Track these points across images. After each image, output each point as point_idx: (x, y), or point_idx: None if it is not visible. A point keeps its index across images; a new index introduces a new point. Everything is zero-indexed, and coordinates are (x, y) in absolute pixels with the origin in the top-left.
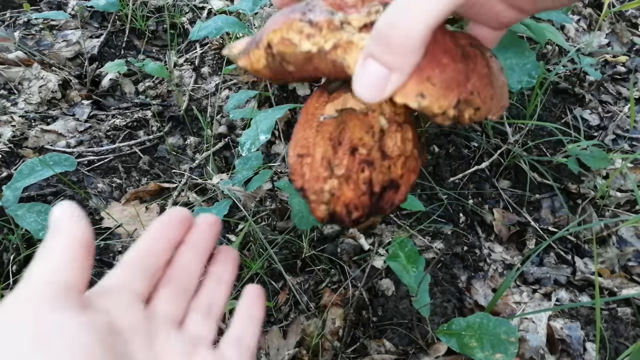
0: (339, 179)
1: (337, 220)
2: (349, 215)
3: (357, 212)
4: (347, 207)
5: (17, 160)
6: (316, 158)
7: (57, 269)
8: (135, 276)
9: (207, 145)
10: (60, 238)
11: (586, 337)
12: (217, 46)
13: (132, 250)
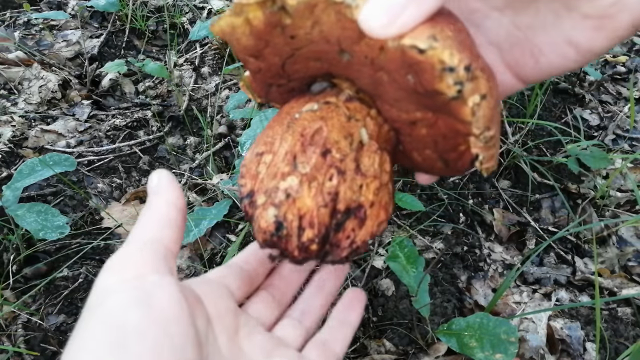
0: (302, 177)
1: (282, 240)
2: (299, 234)
3: (310, 230)
4: (301, 220)
5: (17, 160)
6: (279, 153)
7: (158, 228)
8: (235, 276)
9: (207, 145)
10: (159, 201)
11: (586, 337)
12: (217, 46)
13: (240, 254)
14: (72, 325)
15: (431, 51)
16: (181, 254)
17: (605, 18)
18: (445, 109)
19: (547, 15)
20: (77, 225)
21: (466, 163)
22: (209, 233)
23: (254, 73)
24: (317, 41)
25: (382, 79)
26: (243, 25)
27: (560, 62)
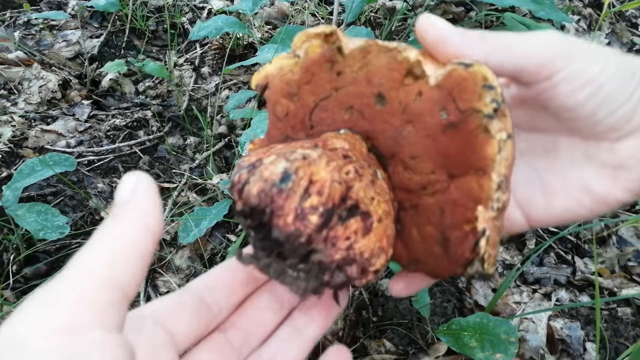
0: (321, 153)
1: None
2: (304, 195)
3: (317, 197)
4: (310, 183)
5: (17, 160)
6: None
7: (120, 262)
8: (188, 311)
9: (207, 145)
10: (130, 221)
11: (586, 337)
12: (217, 46)
13: (204, 276)
14: None
15: (476, 66)
16: (181, 254)
17: (621, 169)
18: (469, 148)
19: (565, 161)
20: (77, 225)
21: (467, 249)
22: (209, 233)
23: (276, 121)
24: (360, 81)
25: (407, 132)
26: (293, 64)
27: (573, 207)
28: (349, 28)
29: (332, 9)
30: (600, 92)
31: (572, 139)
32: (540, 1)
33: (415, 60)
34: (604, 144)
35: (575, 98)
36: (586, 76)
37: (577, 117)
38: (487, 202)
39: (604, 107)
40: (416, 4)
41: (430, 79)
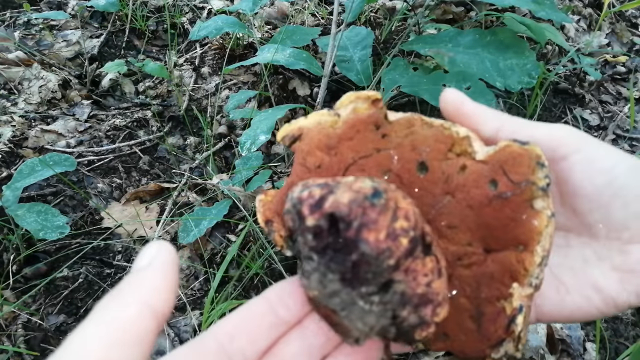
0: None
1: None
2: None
3: (405, 222)
4: (397, 208)
5: (17, 160)
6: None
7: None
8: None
9: (207, 145)
10: (130, 299)
11: (586, 337)
12: (217, 46)
13: (223, 322)
14: (72, 325)
15: (532, 145)
16: (181, 254)
17: (631, 273)
18: (514, 222)
19: (577, 259)
20: (77, 225)
21: (501, 327)
22: (209, 233)
23: (304, 172)
24: (405, 146)
25: (447, 201)
26: (332, 122)
27: (584, 306)
28: (349, 28)
29: (332, 9)
30: (616, 182)
31: (583, 239)
32: (540, 1)
33: (464, 135)
34: (615, 244)
35: (592, 183)
36: (601, 164)
37: (592, 207)
38: (524, 279)
39: (618, 198)
40: (416, 4)
41: (477, 154)
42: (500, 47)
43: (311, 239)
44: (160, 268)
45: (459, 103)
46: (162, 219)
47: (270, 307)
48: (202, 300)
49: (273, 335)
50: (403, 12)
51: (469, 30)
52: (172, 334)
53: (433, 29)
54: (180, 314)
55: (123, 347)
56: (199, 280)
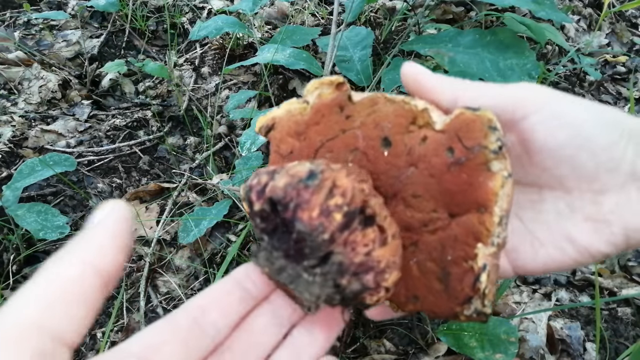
0: (340, 167)
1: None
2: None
3: (341, 198)
4: (334, 186)
5: (17, 160)
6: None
7: (49, 308)
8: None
9: (207, 145)
10: (73, 259)
11: (586, 337)
12: (217, 46)
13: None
14: None
15: (483, 110)
16: (181, 254)
17: (603, 223)
18: (472, 185)
19: (550, 213)
20: (77, 225)
21: (467, 285)
22: (209, 233)
23: (279, 159)
24: (368, 124)
25: (410, 172)
26: (302, 109)
27: (558, 257)
28: (349, 28)
29: (332, 9)
30: (581, 133)
31: (556, 192)
32: (540, 1)
33: (423, 108)
34: (587, 195)
35: (555, 138)
36: (564, 118)
37: (558, 161)
38: (487, 239)
39: (585, 149)
40: (416, 4)
41: (436, 125)
42: (500, 47)
43: (259, 222)
44: (110, 227)
45: (417, 76)
46: (162, 219)
47: (238, 284)
48: None
49: (243, 309)
50: (403, 12)
51: (469, 30)
52: None
53: (433, 29)
54: None
55: (64, 306)
56: (199, 280)
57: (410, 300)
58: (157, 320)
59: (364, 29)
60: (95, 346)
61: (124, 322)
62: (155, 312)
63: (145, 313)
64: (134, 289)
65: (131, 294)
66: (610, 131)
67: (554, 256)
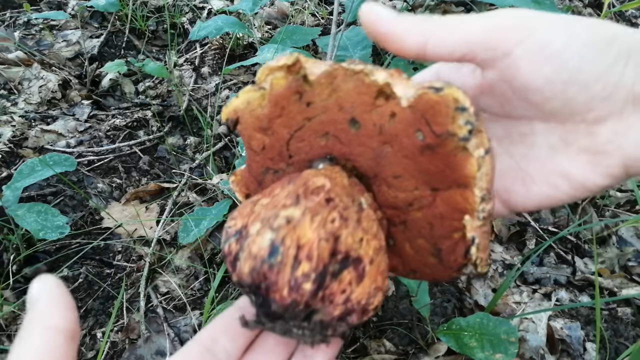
0: (305, 210)
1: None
2: (294, 265)
3: (307, 263)
4: (299, 250)
5: (17, 160)
6: (280, 195)
7: None
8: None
9: (207, 145)
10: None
11: (586, 337)
12: (217, 46)
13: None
14: None
15: (447, 89)
16: (181, 254)
17: (600, 154)
18: (449, 167)
19: (543, 147)
20: (77, 225)
21: (460, 255)
22: (209, 233)
23: (254, 155)
24: (331, 108)
25: (386, 152)
26: (260, 98)
27: (551, 193)
28: (349, 28)
29: (332, 9)
30: (568, 65)
31: (548, 124)
32: (540, 1)
33: (384, 83)
34: (581, 126)
35: (541, 74)
36: (550, 48)
37: (547, 97)
38: (472, 213)
39: (575, 82)
40: (416, 4)
41: (401, 100)
42: None
43: (240, 288)
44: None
45: (377, 22)
46: (162, 219)
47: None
48: (202, 300)
49: (251, 335)
50: None
51: None
52: (172, 333)
53: None
54: (180, 314)
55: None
56: (199, 280)
57: (409, 273)
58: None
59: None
60: (95, 346)
61: (124, 322)
62: (155, 312)
63: (145, 313)
64: (134, 289)
65: (131, 294)
66: (604, 56)
67: (547, 193)
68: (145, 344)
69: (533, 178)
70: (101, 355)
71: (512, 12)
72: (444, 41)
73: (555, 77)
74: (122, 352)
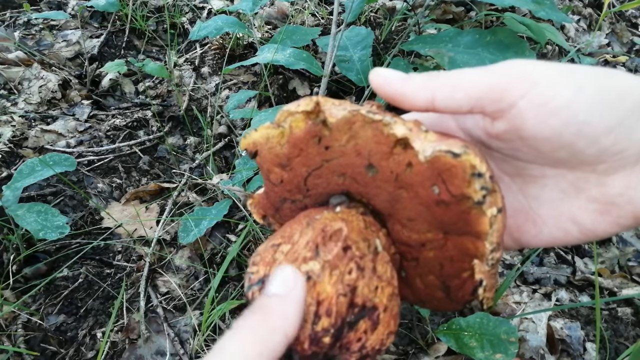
0: (324, 263)
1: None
2: (315, 321)
3: (327, 319)
4: (319, 306)
5: (17, 160)
6: (300, 243)
7: None
8: None
9: (207, 145)
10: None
11: (586, 337)
12: (217, 46)
13: None
14: (72, 325)
15: (465, 156)
16: (181, 254)
17: (611, 205)
18: (462, 221)
19: (554, 191)
20: (77, 225)
21: (467, 293)
22: (209, 233)
23: (272, 186)
24: (349, 154)
25: (401, 196)
26: (279, 135)
27: (561, 237)
28: (349, 28)
29: (332, 9)
30: (575, 119)
31: (558, 170)
32: (540, 1)
33: (403, 136)
34: (592, 176)
35: (548, 126)
36: (554, 102)
37: (554, 147)
38: (482, 259)
39: (583, 136)
40: (416, 4)
41: (419, 155)
42: (500, 47)
43: None
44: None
45: (386, 85)
46: (162, 219)
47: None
48: (202, 300)
49: None
50: (403, 12)
51: (469, 30)
52: (172, 333)
53: (433, 29)
54: (180, 314)
55: None
56: (199, 280)
57: (419, 302)
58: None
59: (364, 29)
60: (95, 346)
61: (124, 322)
62: (155, 312)
63: (145, 313)
64: (134, 289)
65: (131, 294)
66: (615, 110)
67: (557, 236)
68: (145, 344)
69: (544, 220)
70: (101, 355)
71: (515, 63)
72: (450, 98)
73: (563, 130)
74: (122, 352)
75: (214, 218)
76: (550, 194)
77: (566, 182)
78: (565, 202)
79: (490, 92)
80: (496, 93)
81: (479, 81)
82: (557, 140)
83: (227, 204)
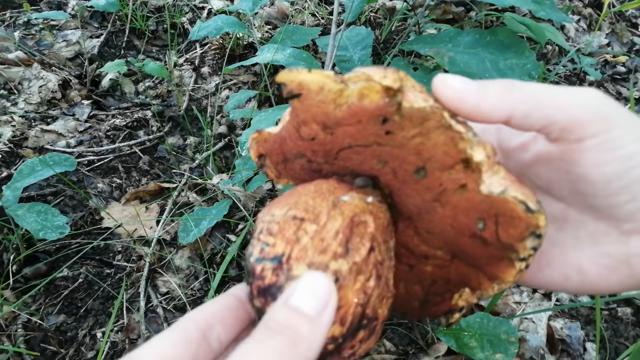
0: (353, 266)
1: None
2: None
3: (339, 328)
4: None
5: (17, 160)
6: (329, 228)
7: None
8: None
9: (207, 145)
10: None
11: (586, 337)
12: (217, 46)
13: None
14: (72, 325)
15: (538, 214)
16: (181, 254)
17: (624, 264)
18: (488, 261)
19: (569, 237)
20: (77, 225)
21: (441, 311)
22: (209, 233)
23: (297, 137)
24: (409, 149)
25: (435, 210)
26: (337, 93)
27: (560, 283)
28: (349, 28)
29: (332, 9)
30: (629, 174)
31: (582, 217)
32: (540, 1)
33: (479, 162)
34: (613, 232)
35: (601, 171)
36: (619, 151)
37: (596, 193)
38: (475, 292)
39: (629, 192)
40: (416, 4)
41: (482, 186)
42: (500, 47)
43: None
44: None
45: (457, 100)
46: (162, 219)
47: (240, 303)
48: (202, 300)
49: (242, 326)
50: (403, 12)
51: (469, 30)
52: None
53: (433, 29)
54: (180, 314)
55: None
56: (199, 280)
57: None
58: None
59: (364, 29)
60: (95, 346)
61: (124, 322)
62: (155, 312)
63: (145, 313)
64: (134, 289)
65: (131, 294)
66: None
67: (556, 281)
68: None
69: (549, 262)
70: (101, 355)
71: (592, 96)
72: (528, 117)
73: (613, 179)
74: (122, 352)
75: (214, 218)
76: (564, 238)
77: (586, 231)
78: (577, 250)
79: (568, 122)
80: (574, 125)
81: (560, 107)
82: (603, 187)
83: (227, 204)
